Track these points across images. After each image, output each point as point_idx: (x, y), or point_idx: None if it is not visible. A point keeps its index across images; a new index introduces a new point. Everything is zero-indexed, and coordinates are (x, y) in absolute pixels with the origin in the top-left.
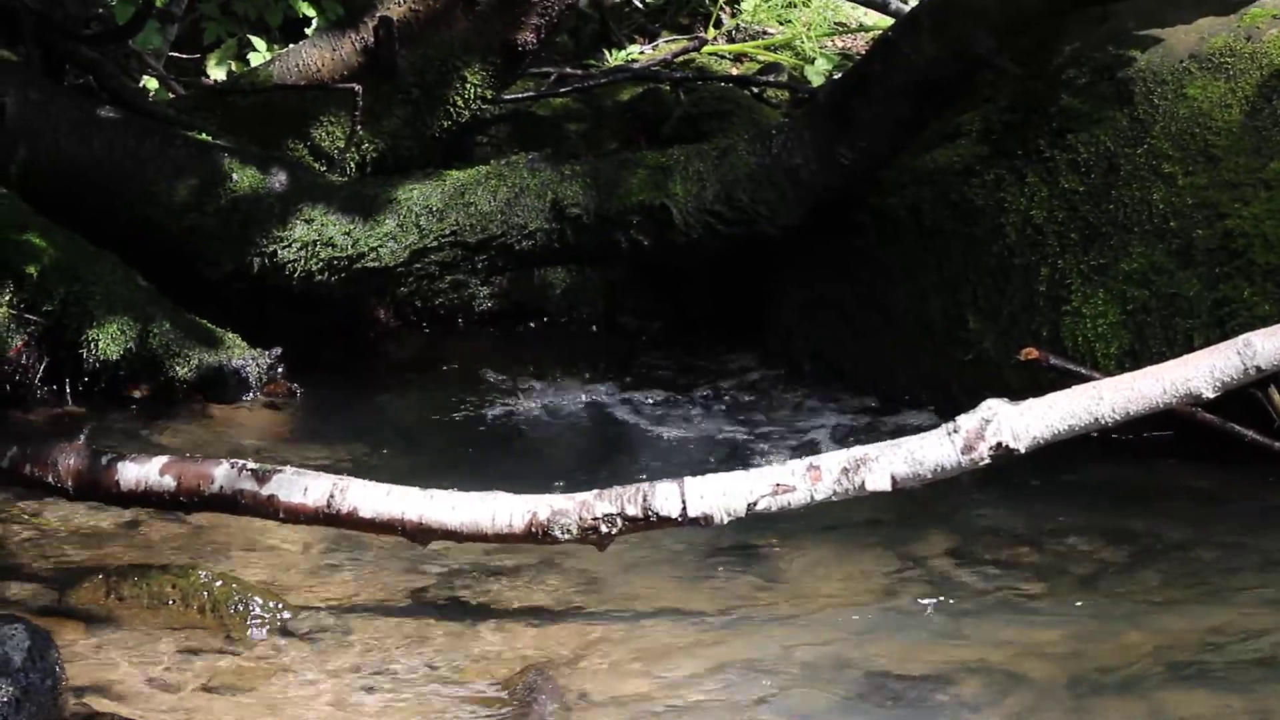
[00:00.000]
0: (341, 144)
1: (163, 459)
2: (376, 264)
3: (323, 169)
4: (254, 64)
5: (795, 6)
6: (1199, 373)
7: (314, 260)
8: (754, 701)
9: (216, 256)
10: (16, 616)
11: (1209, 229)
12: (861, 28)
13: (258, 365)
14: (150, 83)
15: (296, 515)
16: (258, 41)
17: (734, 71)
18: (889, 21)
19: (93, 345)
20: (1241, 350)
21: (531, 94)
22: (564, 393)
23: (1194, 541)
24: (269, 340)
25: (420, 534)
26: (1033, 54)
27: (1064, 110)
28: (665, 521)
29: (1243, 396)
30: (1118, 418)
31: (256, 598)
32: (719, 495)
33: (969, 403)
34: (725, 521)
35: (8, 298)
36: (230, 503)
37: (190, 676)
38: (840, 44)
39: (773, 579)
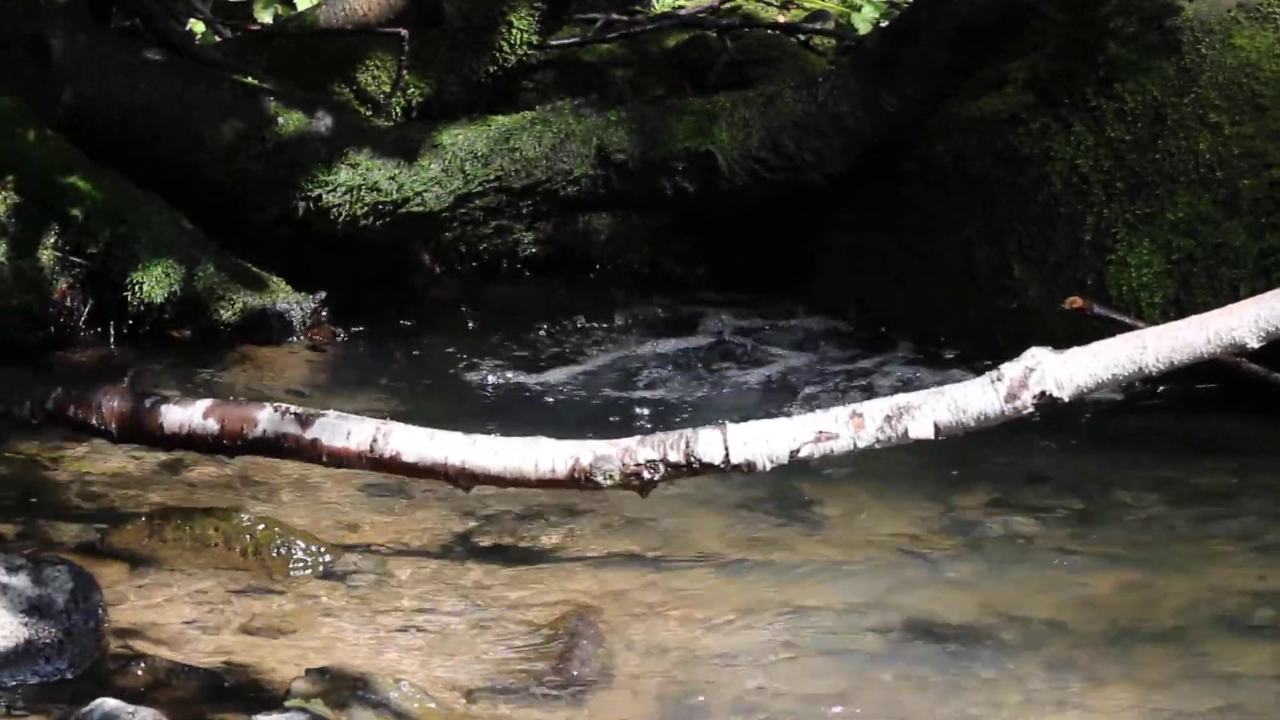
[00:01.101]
0: (387, 89)
1: (206, 402)
2: (421, 209)
3: (368, 114)
4: (300, 8)
5: None
6: (1244, 322)
7: (359, 205)
8: (794, 648)
9: (262, 201)
10: (60, 558)
11: (1255, 178)
12: None
13: (302, 309)
14: (197, 26)
15: (340, 459)
16: None
17: (781, 18)
18: None
19: (137, 288)
20: None
21: (578, 40)
22: (608, 339)
23: (1238, 492)
24: (313, 284)
25: (463, 479)
26: (1080, 2)
27: (1111, 59)
28: (708, 468)
29: None
30: (1162, 367)
31: (299, 541)
32: (762, 442)
33: (1013, 351)
34: (768, 469)
35: (53, 240)
36: (273, 446)
37: (232, 618)
38: None
39: (814, 526)
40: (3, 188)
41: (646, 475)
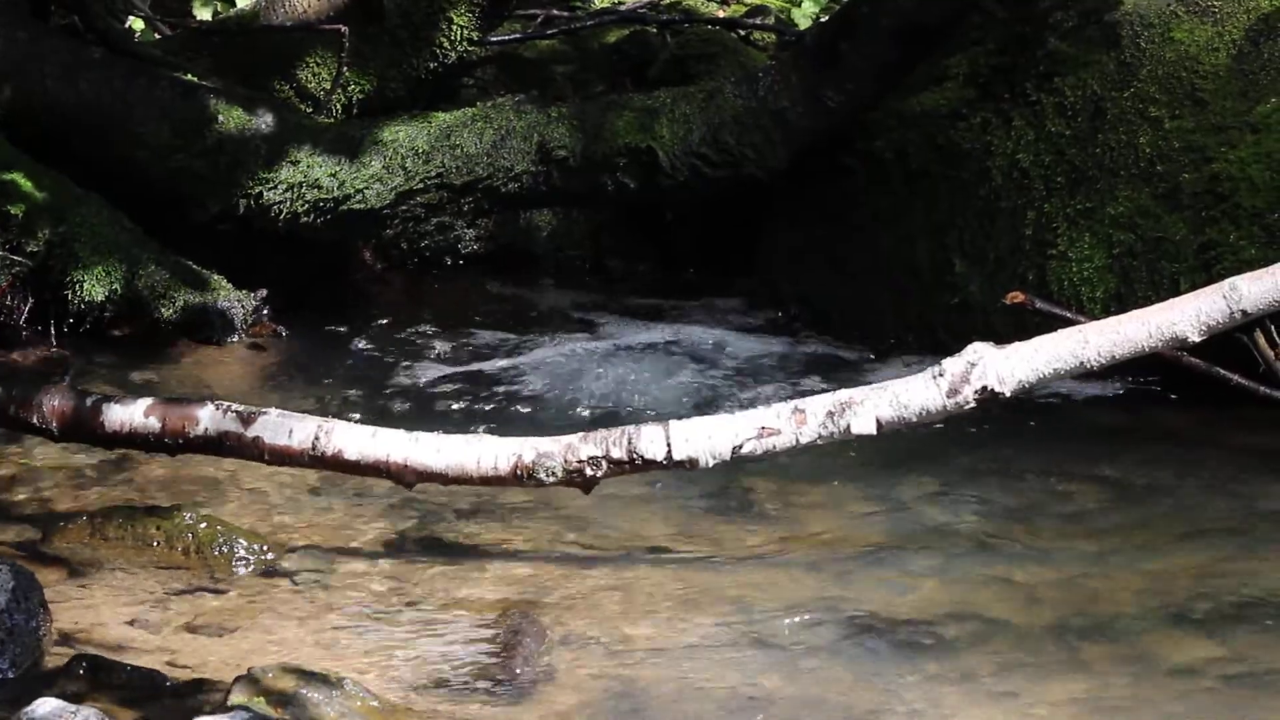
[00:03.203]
0: (328, 85)
1: (148, 400)
2: (362, 206)
3: (309, 110)
4: (240, 5)
5: None
6: (1184, 316)
7: (300, 202)
8: (736, 644)
9: (203, 198)
10: (1, 557)
11: (1195, 173)
12: None
13: (243, 306)
14: (136, 23)
15: (282, 457)
16: None
17: (721, 13)
18: None
19: (78, 286)
20: (1227, 294)
21: (518, 36)
22: (550, 336)
23: (1178, 485)
24: (255, 282)
25: (405, 476)
26: None
27: (1051, 54)
28: (650, 464)
29: (1228, 340)
30: (1103, 361)
31: (241, 539)
32: (704, 438)
33: (955, 346)
34: (710, 465)
35: None
36: (215, 444)
37: (174, 617)
38: None
39: (758, 522)
40: None
41: (589, 472)
